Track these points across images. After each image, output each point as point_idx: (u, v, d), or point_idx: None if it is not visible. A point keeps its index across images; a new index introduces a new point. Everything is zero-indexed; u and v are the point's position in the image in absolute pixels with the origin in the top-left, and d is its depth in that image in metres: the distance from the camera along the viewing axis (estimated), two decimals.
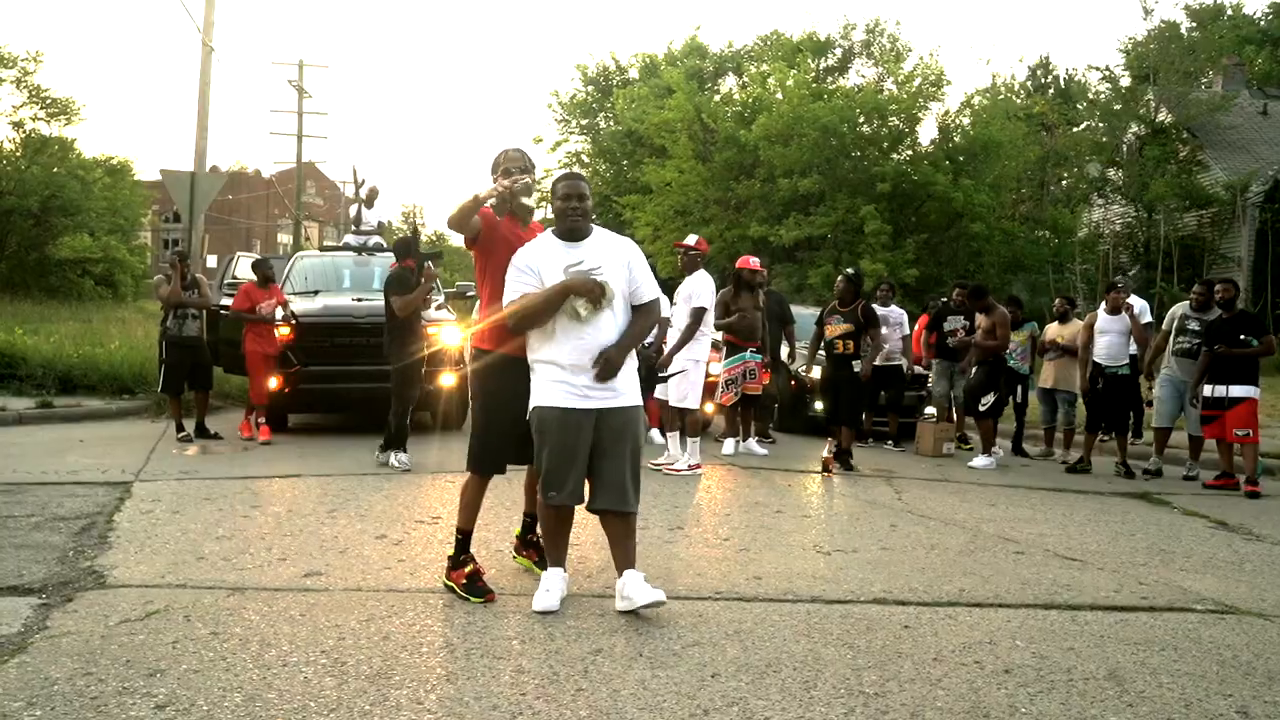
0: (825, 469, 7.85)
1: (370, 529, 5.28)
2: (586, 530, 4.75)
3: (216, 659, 3.26)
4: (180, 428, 8.94)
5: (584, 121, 36.43)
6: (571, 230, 3.95)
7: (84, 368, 11.49)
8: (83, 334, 15.16)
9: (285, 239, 53.47)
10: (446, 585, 4.06)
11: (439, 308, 9.51)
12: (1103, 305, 8.96)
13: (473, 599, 3.93)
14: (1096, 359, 8.81)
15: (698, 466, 7.51)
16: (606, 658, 3.35)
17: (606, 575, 4.34)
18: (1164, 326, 8.87)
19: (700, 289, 7.72)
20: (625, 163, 30.65)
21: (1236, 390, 7.75)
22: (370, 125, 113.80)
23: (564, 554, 4.05)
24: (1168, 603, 4.26)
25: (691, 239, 8.43)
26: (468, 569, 4.02)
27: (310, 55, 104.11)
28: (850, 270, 8.77)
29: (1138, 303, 10.26)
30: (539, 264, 3.86)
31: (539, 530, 4.27)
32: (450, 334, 9.04)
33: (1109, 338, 8.76)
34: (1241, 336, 7.79)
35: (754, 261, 9.06)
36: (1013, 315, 10.23)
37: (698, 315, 7.57)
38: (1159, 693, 3.17)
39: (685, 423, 7.62)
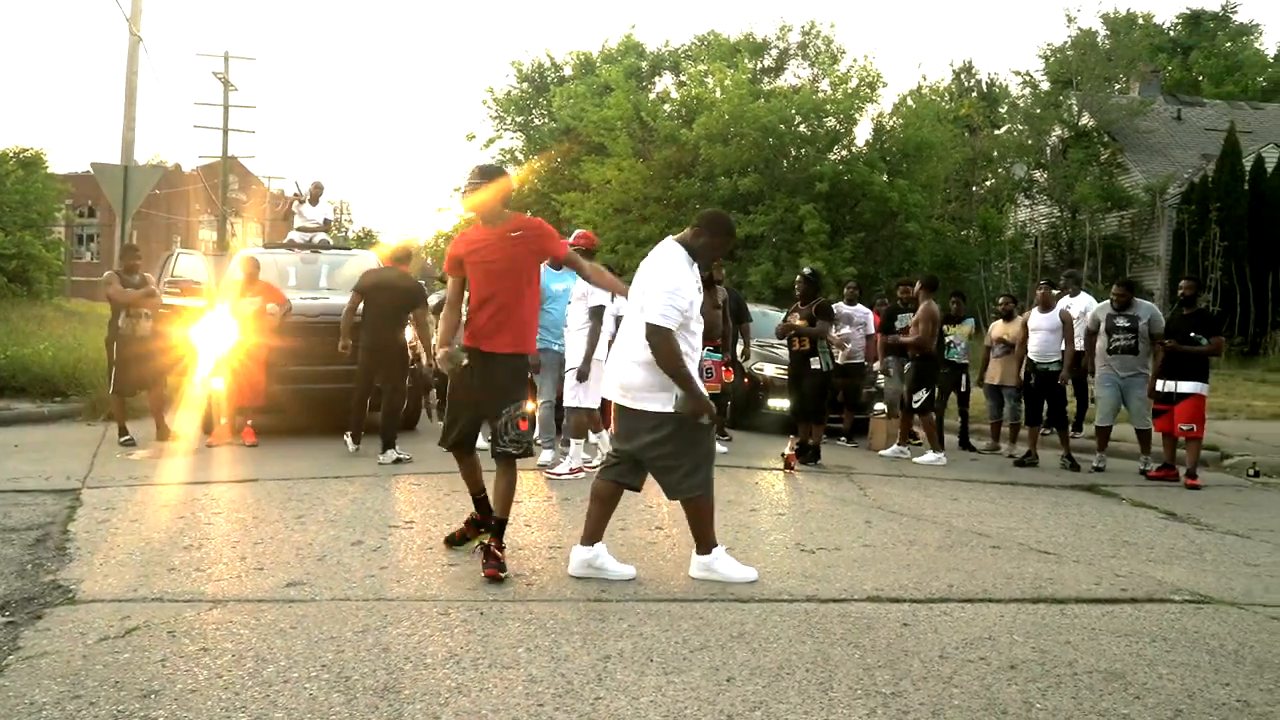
0: (787, 465, 7.91)
1: (344, 535, 5.13)
2: (569, 534, 4.69)
3: (212, 677, 3.12)
4: (124, 430, 8.56)
5: (519, 119, 36.15)
6: None
7: (12, 369, 10.95)
8: (6, 334, 14.46)
9: (207, 235, 51.90)
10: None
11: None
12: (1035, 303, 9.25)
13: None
14: (1029, 355, 9.06)
15: (579, 470, 7.09)
16: (618, 664, 3.31)
17: (598, 580, 4.30)
18: (1089, 327, 9.11)
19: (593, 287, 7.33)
20: (561, 160, 30.49)
21: (1185, 386, 8.04)
22: (300, 119, 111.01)
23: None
24: (1147, 594, 4.39)
25: (577, 234, 8.20)
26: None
27: (236, 47, 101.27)
28: (808, 270, 8.85)
29: (1084, 300, 10.51)
30: None
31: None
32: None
33: (1040, 334, 9.03)
34: (1191, 334, 8.08)
35: None
36: (955, 309, 10.45)
37: (596, 314, 7.25)
38: (1161, 684, 3.26)
39: (570, 423, 7.38)
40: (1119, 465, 9.00)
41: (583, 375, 7.20)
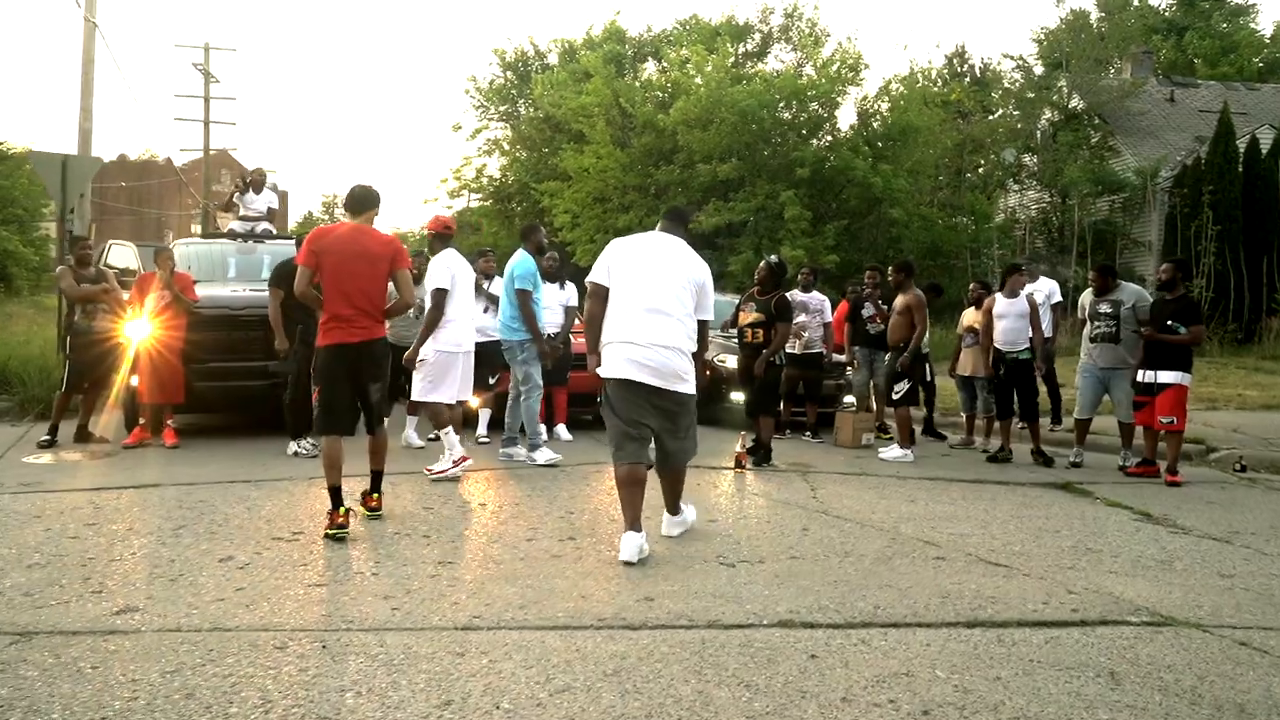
0: (738, 464, 7.39)
1: (217, 549, 4.62)
2: (454, 549, 4.17)
3: None
4: (53, 430, 8.03)
5: (503, 108, 35.50)
6: None
7: None
8: None
9: (199, 229, 51.51)
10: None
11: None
12: (1000, 290, 8.71)
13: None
14: (996, 344, 8.55)
15: (464, 459, 6.66)
16: (457, 712, 2.80)
17: (476, 601, 3.79)
18: (1078, 315, 8.63)
19: (436, 271, 6.75)
20: (546, 149, 29.86)
21: (1165, 376, 7.50)
22: (282, 110, 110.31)
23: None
24: (1100, 615, 3.87)
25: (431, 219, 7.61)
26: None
27: (217, 38, 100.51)
28: (773, 258, 8.22)
29: (1046, 284, 10.04)
30: None
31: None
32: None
33: (1007, 321, 8.49)
34: (1169, 323, 7.55)
35: None
36: (929, 302, 9.94)
37: (436, 299, 6.65)
38: None
39: (430, 415, 6.86)
40: (1099, 460, 8.49)
41: (408, 364, 6.75)
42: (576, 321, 9.32)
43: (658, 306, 4.67)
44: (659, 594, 3.97)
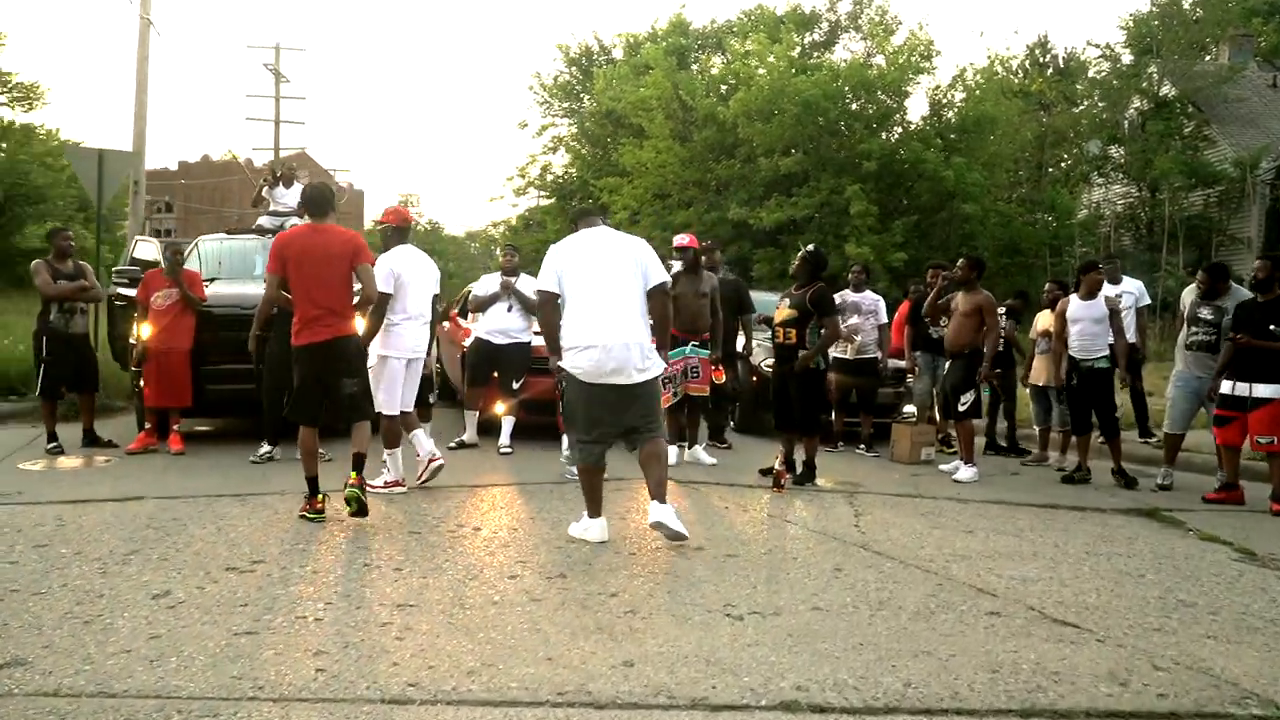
0: (776, 483, 6.64)
1: (157, 581, 4.08)
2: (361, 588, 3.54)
3: None
4: (53, 436, 7.72)
5: (565, 105, 35.06)
6: None
7: None
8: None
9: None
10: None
11: None
12: (1075, 291, 7.78)
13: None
14: (1070, 352, 7.63)
15: (396, 484, 6.09)
16: None
17: (420, 662, 3.15)
18: (1184, 313, 7.66)
19: (382, 267, 6.03)
20: (609, 142, 29.29)
21: (1263, 390, 6.51)
22: (353, 110, 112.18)
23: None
24: (1195, 704, 3.04)
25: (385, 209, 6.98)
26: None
27: (287, 38, 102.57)
28: (810, 247, 7.35)
29: (1134, 285, 9.06)
30: None
31: None
32: None
33: (1081, 326, 7.56)
34: (1271, 327, 6.55)
35: (683, 239, 7.85)
36: (1017, 311, 9.10)
37: (380, 304, 5.90)
38: None
39: (383, 431, 6.15)
40: (1192, 482, 7.52)
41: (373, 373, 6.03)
42: None
43: (617, 302, 4.82)
44: (641, 657, 3.28)
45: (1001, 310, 9.09)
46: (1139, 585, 4.50)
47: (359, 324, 5.71)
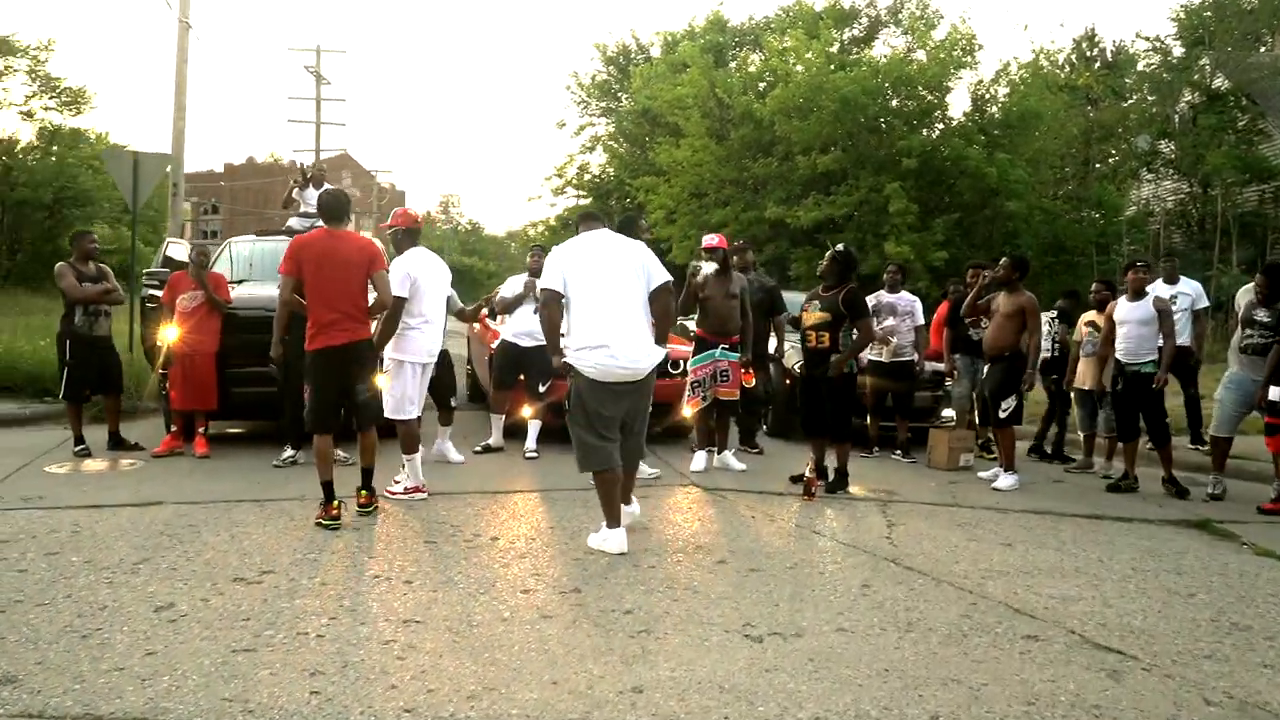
0: (807, 491, 6.43)
1: (163, 592, 3.99)
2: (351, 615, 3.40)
3: None
4: (80, 439, 7.73)
5: (602, 104, 34.98)
6: None
7: (3, 367, 10.35)
8: (40, 329, 14.09)
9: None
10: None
11: None
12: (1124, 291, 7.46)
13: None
14: (1116, 355, 7.32)
15: (416, 490, 6.00)
16: None
17: (420, 685, 3.01)
18: (1240, 314, 7.32)
19: (394, 275, 5.90)
20: (647, 140, 29.11)
21: None
22: (393, 111, 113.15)
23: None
24: None
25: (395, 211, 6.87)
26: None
27: (327, 40, 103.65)
28: (840, 247, 7.11)
29: (1190, 286, 8.70)
30: None
31: None
32: None
33: (1128, 328, 7.23)
34: None
35: (712, 239, 7.64)
36: (1067, 310, 8.78)
37: (395, 308, 5.81)
38: None
39: (401, 437, 6.08)
40: (1246, 491, 7.16)
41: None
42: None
43: (623, 302, 4.86)
44: (652, 682, 3.11)
45: (1053, 313, 8.79)
46: (1189, 606, 4.23)
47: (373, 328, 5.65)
